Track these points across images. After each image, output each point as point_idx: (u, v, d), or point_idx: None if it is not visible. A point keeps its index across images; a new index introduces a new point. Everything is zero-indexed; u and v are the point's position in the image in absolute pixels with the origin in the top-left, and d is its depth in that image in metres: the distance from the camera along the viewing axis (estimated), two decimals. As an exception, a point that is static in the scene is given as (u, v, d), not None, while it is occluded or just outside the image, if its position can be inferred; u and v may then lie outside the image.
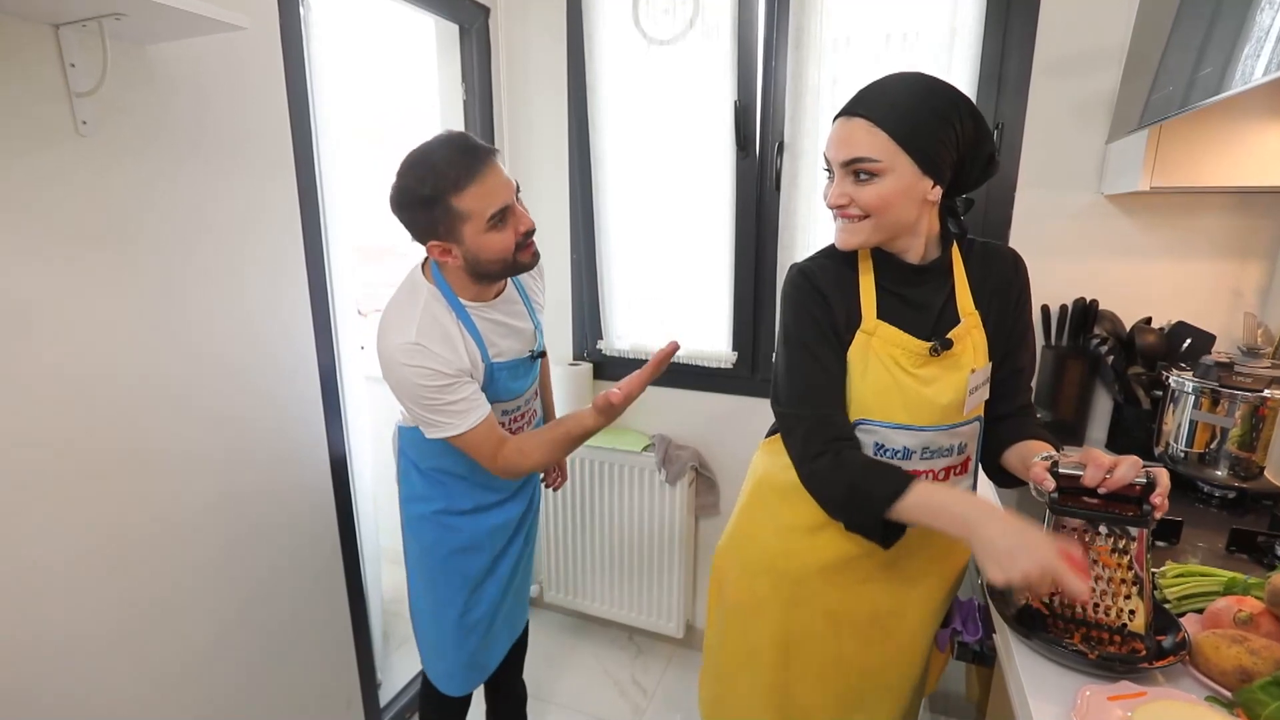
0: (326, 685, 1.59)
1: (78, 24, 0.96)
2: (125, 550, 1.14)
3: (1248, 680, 0.69)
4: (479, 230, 1.07)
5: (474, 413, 1.13)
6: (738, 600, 1.12)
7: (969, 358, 0.94)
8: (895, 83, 0.87)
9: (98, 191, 1.05)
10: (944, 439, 0.95)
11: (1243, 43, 0.87)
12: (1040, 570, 0.71)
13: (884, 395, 0.92)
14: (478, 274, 1.14)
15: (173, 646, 1.22)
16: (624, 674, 2.13)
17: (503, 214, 1.08)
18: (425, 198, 1.04)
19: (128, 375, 1.12)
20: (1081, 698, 0.71)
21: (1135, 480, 0.78)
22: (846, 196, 0.88)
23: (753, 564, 1.09)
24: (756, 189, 1.84)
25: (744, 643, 1.11)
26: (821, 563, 1.02)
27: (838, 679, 1.07)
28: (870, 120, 0.85)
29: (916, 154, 0.84)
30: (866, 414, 0.94)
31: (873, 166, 0.85)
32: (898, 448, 0.94)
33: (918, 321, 0.94)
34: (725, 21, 1.73)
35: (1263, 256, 1.43)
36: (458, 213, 1.05)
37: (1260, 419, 1.19)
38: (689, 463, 1.98)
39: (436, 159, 1.05)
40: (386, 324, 1.13)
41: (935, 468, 0.96)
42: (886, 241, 0.93)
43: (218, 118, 1.22)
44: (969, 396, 0.93)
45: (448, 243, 1.09)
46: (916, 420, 0.92)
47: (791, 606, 1.05)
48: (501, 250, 1.10)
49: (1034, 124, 1.55)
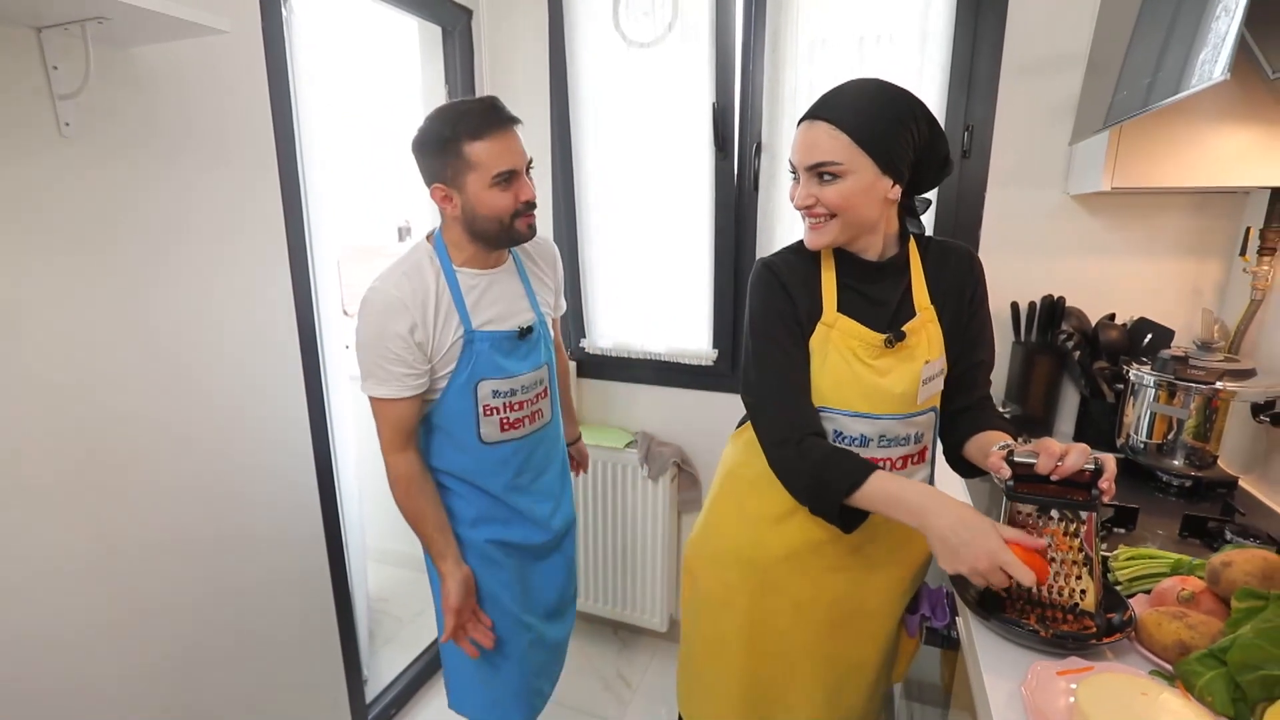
0: (312, 683, 1.60)
1: (60, 27, 0.98)
2: (107, 551, 1.14)
3: (1186, 653, 0.73)
4: (483, 184, 1.11)
5: (391, 387, 1.15)
6: (708, 590, 1.15)
7: (923, 350, 0.98)
8: (855, 88, 0.91)
9: (81, 194, 1.07)
10: (900, 428, 0.98)
11: (1199, 47, 0.92)
12: (988, 563, 0.76)
13: (841, 385, 0.97)
14: (474, 231, 1.17)
15: (157, 645, 1.23)
16: (609, 668, 2.15)
17: (509, 176, 1.12)
18: (444, 138, 1.10)
19: (110, 377, 1.13)
20: (1031, 672, 0.75)
21: (1085, 466, 0.82)
22: (812, 197, 0.92)
23: (722, 555, 1.13)
24: (735, 189, 1.87)
25: (715, 632, 1.14)
26: (788, 551, 1.05)
27: (806, 666, 1.10)
28: (832, 124, 0.89)
29: (876, 155, 0.89)
30: (825, 402, 0.98)
31: (836, 169, 0.89)
32: (855, 435, 0.98)
33: (875, 315, 0.98)
34: (704, 24, 1.76)
35: (1219, 255, 1.48)
36: (467, 160, 1.10)
37: (1213, 410, 1.24)
38: (671, 459, 2.01)
39: (466, 107, 1.12)
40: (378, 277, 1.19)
41: (893, 456, 0.99)
42: (851, 240, 0.97)
43: (201, 120, 1.24)
44: (922, 387, 0.97)
45: (451, 189, 1.13)
46: (873, 409, 0.97)
47: (760, 595, 1.08)
48: (499, 210, 1.13)
49: (1003, 125, 1.60)
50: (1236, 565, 0.79)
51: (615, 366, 2.13)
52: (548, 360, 1.33)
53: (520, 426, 1.28)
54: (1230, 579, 0.79)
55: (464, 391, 1.20)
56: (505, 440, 1.26)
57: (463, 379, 1.19)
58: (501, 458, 1.27)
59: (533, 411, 1.30)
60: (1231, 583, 0.78)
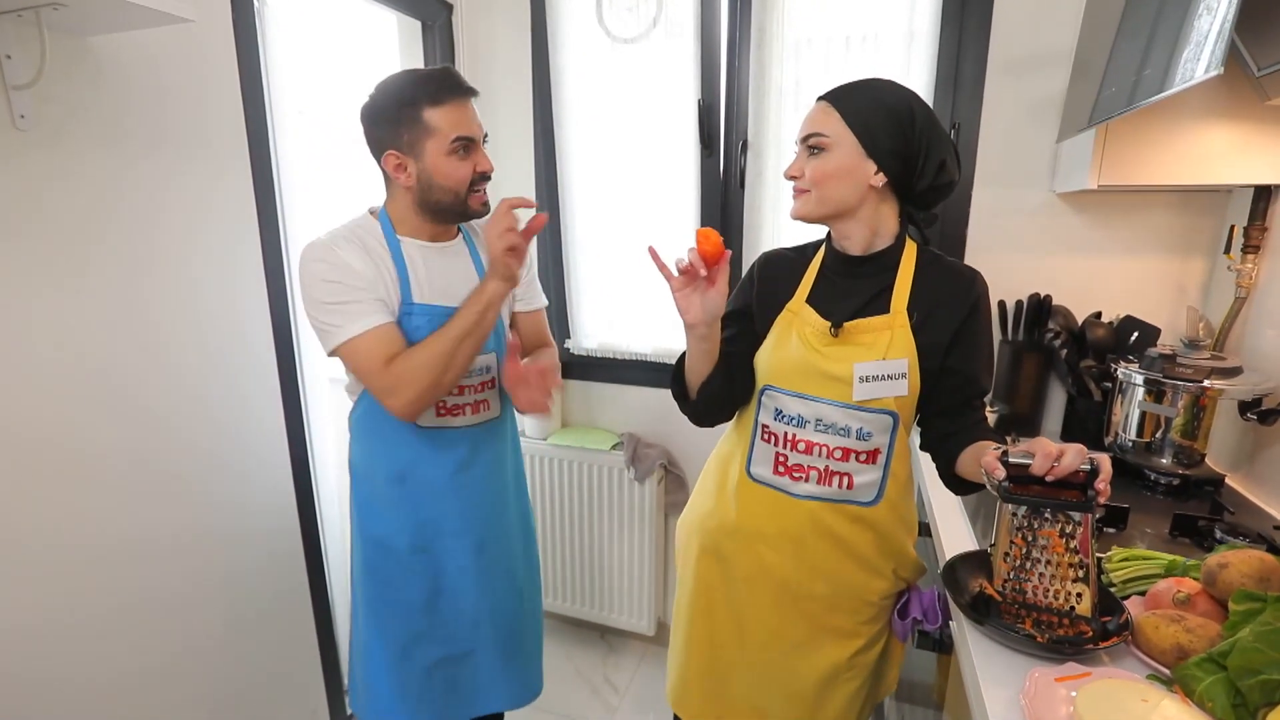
0: (290, 680, 1.56)
1: (13, 14, 0.93)
2: (79, 551, 1.10)
3: (1184, 658, 0.72)
4: (441, 150, 1.07)
5: (368, 318, 1.06)
6: (681, 562, 1.20)
7: (881, 348, 0.97)
8: (865, 80, 0.98)
9: (38, 187, 1.02)
10: (837, 415, 0.98)
11: (1183, 45, 0.91)
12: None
13: (786, 364, 1.02)
14: (425, 203, 1.12)
15: (138, 647, 1.20)
16: (596, 673, 2.12)
17: (469, 144, 1.09)
18: (402, 101, 1.06)
19: (73, 376, 1.08)
20: (1030, 679, 0.73)
21: (1081, 467, 0.80)
22: (799, 169, 0.98)
23: (690, 525, 1.17)
24: (721, 187, 1.85)
25: (681, 597, 1.19)
26: (736, 523, 1.08)
27: (757, 638, 1.10)
28: (829, 103, 0.96)
29: (861, 134, 0.93)
30: (772, 380, 1.03)
31: (822, 141, 0.95)
32: (793, 414, 1.02)
33: (840, 307, 1.00)
34: (688, 21, 1.74)
35: (1204, 253, 1.49)
36: (426, 125, 1.06)
37: (1201, 408, 1.24)
38: (658, 460, 1.99)
39: (424, 72, 1.10)
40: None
41: (830, 444, 0.99)
42: (830, 218, 1.01)
43: (167, 111, 1.19)
44: (858, 382, 0.96)
45: (407, 157, 1.09)
46: (807, 390, 1.00)
47: (714, 562, 1.11)
48: (456, 180, 1.10)
49: (989, 124, 1.59)
50: (1233, 567, 0.78)
51: (601, 367, 2.10)
52: (496, 350, 1.24)
53: (460, 414, 1.20)
54: (1227, 580, 0.78)
55: None
56: (443, 427, 1.20)
57: None
58: (443, 444, 1.20)
59: (476, 400, 1.22)
60: (1229, 584, 0.77)
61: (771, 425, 1.04)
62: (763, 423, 1.05)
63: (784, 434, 1.02)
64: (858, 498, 1.01)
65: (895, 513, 1.04)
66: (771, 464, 1.04)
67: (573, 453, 2.04)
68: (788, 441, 1.02)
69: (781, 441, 1.03)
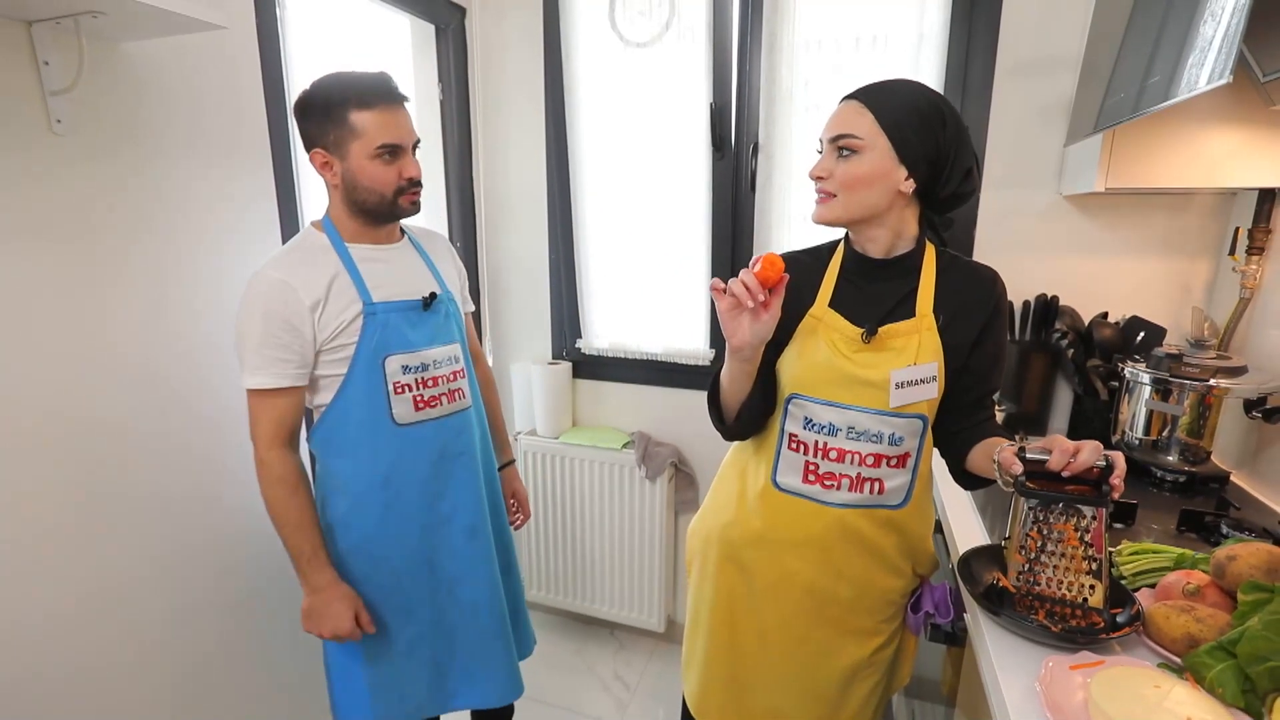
0: (296, 685, 1.57)
1: (51, 21, 0.95)
2: (75, 545, 1.12)
3: (1194, 646, 0.75)
4: (365, 153, 1.08)
5: (277, 374, 1.07)
6: (699, 569, 1.18)
7: (911, 353, 0.97)
8: (896, 81, 0.96)
9: (73, 190, 1.04)
10: (871, 422, 0.98)
11: (1188, 52, 0.93)
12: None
13: (816, 372, 0.99)
14: (354, 202, 1.12)
15: (124, 646, 1.20)
16: (606, 669, 2.15)
17: (395, 151, 1.10)
18: (330, 102, 1.07)
19: (99, 371, 1.11)
20: (1045, 668, 0.76)
21: (1095, 464, 0.83)
22: (827, 170, 0.95)
23: (706, 534, 1.15)
24: (732, 189, 1.87)
25: (700, 606, 1.17)
26: (760, 533, 1.07)
27: (780, 646, 1.09)
28: (862, 103, 0.93)
29: (895, 139, 0.91)
30: (799, 389, 1.01)
31: (854, 143, 0.92)
32: (824, 423, 1.00)
33: (867, 312, 0.99)
34: (700, 24, 1.76)
35: (1209, 254, 1.51)
36: (352, 127, 1.07)
37: (1207, 407, 1.26)
38: (668, 459, 2.01)
39: (356, 75, 1.09)
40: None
41: (862, 450, 0.99)
42: (855, 224, 0.99)
43: (195, 116, 1.22)
44: (895, 389, 0.96)
45: (332, 156, 1.09)
46: (841, 398, 0.98)
47: (736, 572, 1.10)
48: (381, 185, 1.11)
49: (997, 126, 1.62)
50: (1242, 559, 0.80)
51: (612, 367, 2.12)
52: (460, 340, 1.27)
53: (437, 405, 1.21)
54: (1236, 572, 0.80)
55: (371, 368, 1.13)
56: (422, 420, 1.20)
57: (368, 353, 1.13)
58: (423, 437, 1.20)
59: (450, 390, 1.24)
60: (1237, 576, 0.80)
61: (800, 434, 1.02)
62: (790, 431, 1.03)
63: (814, 442, 1.01)
64: (888, 501, 1.01)
65: (920, 512, 1.05)
66: (801, 473, 1.03)
67: (584, 451, 2.06)
68: (818, 450, 1.00)
69: (812, 450, 1.01)
